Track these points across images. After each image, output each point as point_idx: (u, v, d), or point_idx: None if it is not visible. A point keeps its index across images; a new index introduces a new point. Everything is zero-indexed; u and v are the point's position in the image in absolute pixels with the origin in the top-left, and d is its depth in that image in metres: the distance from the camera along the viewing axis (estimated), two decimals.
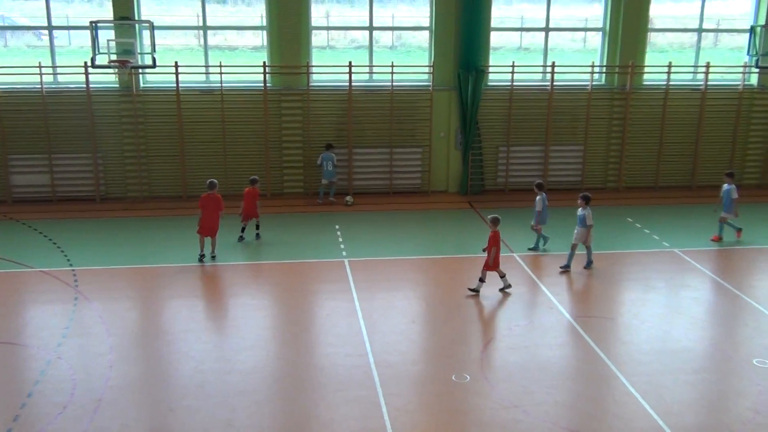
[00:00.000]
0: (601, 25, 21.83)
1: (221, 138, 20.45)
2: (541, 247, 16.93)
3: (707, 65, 21.58)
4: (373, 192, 21.20)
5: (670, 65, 21.48)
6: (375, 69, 21.13)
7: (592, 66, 21.49)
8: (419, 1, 21.48)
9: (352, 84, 20.49)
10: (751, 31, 21.98)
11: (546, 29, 21.60)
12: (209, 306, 14.18)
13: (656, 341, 12.69)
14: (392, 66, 20.46)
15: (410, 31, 22.67)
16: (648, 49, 21.93)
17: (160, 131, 20.37)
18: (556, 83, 21.25)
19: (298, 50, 20.41)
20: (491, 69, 21.32)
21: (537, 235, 16.97)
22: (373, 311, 13.73)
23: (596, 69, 21.67)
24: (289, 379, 11.33)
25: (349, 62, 20.31)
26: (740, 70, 22.13)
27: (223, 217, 16.16)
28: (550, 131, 21.53)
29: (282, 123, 20.74)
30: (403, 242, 17.40)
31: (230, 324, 13.22)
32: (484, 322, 13.54)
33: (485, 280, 14.52)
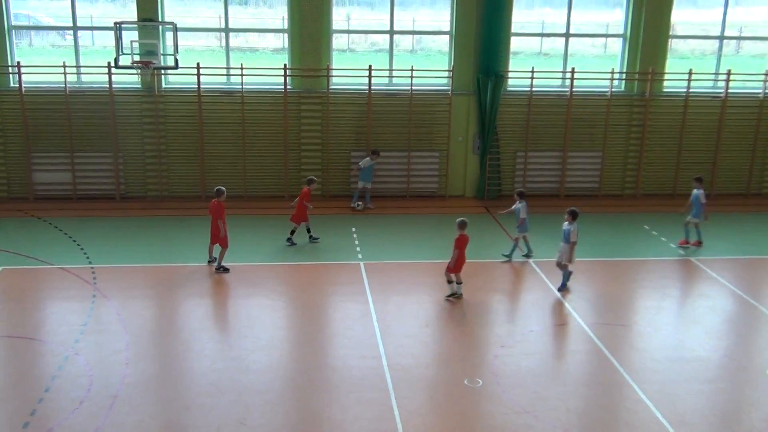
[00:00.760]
0: (621, 31, 21.78)
1: (241, 139, 20.62)
2: (524, 254, 16.76)
3: (728, 72, 21.46)
4: (391, 195, 21.26)
5: (690, 72, 21.39)
6: (395, 73, 21.21)
7: (612, 72, 21.45)
8: (440, 5, 21.54)
9: (372, 87, 20.59)
10: None
11: (566, 35, 21.58)
12: (225, 306, 14.33)
13: (670, 350, 12.67)
14: (412, 70, 20.54)
15: (430, 35, 22.74)
16: (669, 56, 21.85)
17: (181, 132, 20.58)
18: (575, 89, 21.22)
19: (319, 53, 20.54)
20: (511, 74, 21.34)
21: (514, 244, 16.73)
22: (387, 314, 13.81)
23: (616, 75, 21.62)
24: (303, 380, 11.44)
25: (369, 66, 20.41)
26: (761, 77, 21.98)
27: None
28: (568, 137, 21.51)
29: (301, 125, 20.87)
30: (419, 246, 17.46)
31: (245, 324, 13.34)
32: (498, 327, 13.56)
33: (461, 281, 14.50)
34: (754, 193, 22.58)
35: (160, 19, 19.97)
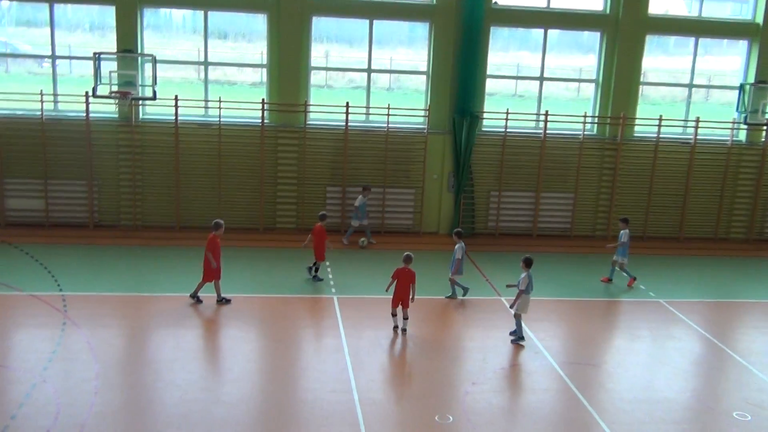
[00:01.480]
0: (594, 77, 22.29)
1: (217, 171, 20.66)
2: (459, 297, 16.72)
3: (697, 120, 22.00)
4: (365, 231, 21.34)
5: (660, 118, 21.89)
6: (372, 110, 21.46)
7: (585, 116, 21.89)
8: (418, 45, 21.91)
9: (349, 124, 20.80)
10: (741, 88, 22.47)
11: (541, 78, 22.04)
12: (197, 336, 14.23)
13: (639, 390, 12.79)
14: (389, 108, 20.80)
15: (407, 74, 23.07)
16: (640, 102, 22.39)
17: (157, 162, 20.58)
18: (549, 131, 21.61)
19: (297, 88, 20.75)
20: (486, 115, 21.69)
21: (453, 286, 16.66)
22: (360, 349, 13.81)
23: (588, 119, 22.07)
24: (274, 413, 11.37)
25: (347, 102, 20.64)
26: (729, 125, 22.55)
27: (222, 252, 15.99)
28: (541, 178, 21.83)
29: (278, 159, 20.98)
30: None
31: (217, 355, 13.27)
32: (470, 364, 13.62)
33: (395, 314, 14.69)
34: (722, 238, 23.02)
35: (139, 51, 20.08)
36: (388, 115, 20.86)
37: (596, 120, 22.27)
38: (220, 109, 20.27)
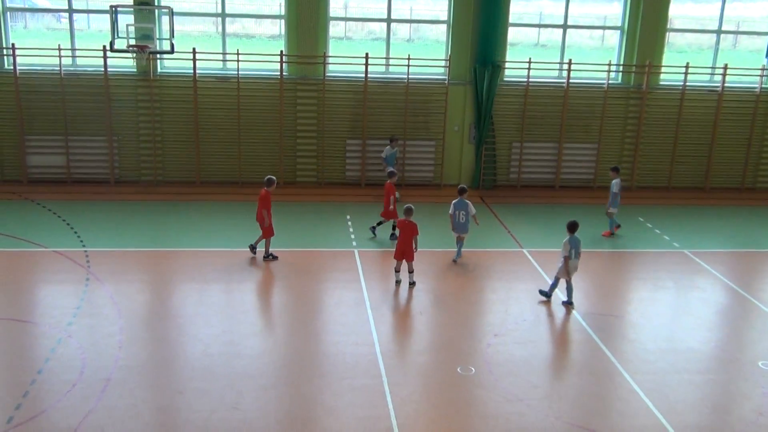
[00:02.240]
0: (619, 24, 21.76)
1: (236, 125, 20.56)
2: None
3: (725, 67, 21.48)
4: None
5: (687, 66, 21.39)
6: (391, 61, 21.16)
7: (609, 64, 21.43)
8: None
9: (368, 76, 20.53)
10: None
11: (564, 26, 21.55)
12: (219, 291, 14.29)
13: (662, 341, 12.70)
14: (408, 59, 20.48)
15: (428, 25, 22.67)
16: (666, 49, 21.85)
17: (176, 117, 20.50)
18: (572, 81, 21.21)
19: (316, 40, 20.47)
20: (507, 65, 21.31)
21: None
22: (381, 302, 13.82)
23: (613, 67, 21.61)
24: (296, 365, 11.43)
25: (366, 54, 20.34)
26: (758, 72, 22.00)
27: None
28: (564, 129, 21.51)
29: (297, 112, 20.81)
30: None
31: (239, 309, 13.33)
32: (492, 316, 13.59)
33: (409, 270, 14.53)
34: (749, 187, 22.65)
35: (156, 3, 19.85)
36: (408, 66, 20.55)
37: (621, 68, 21.80)
38: (238, 62, 20.07)
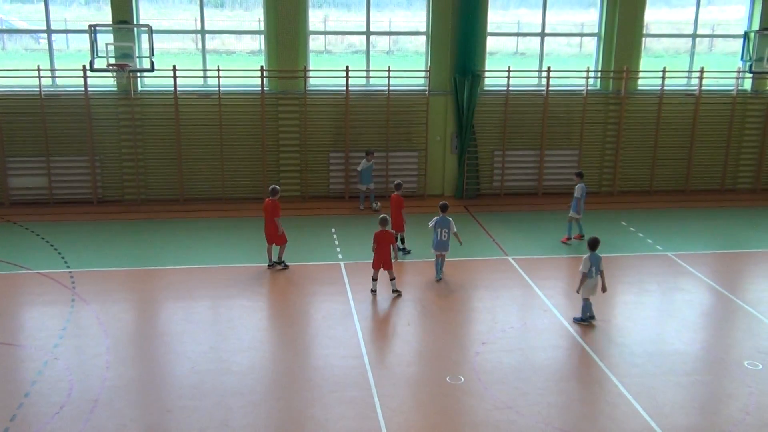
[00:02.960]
0: (596, 31, 21.98)
1: (218, 141, 20.55)
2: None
3: (701, 70, 21.73)
4: (369, 196, 21.23)
5: (664, 70, 21.63)
6: (372, 73, 21.25)
7: (588, 71, 21.63)
8: (416, 6, 21.61)
9: (349, 88, 20.60)
10: (745, 36, 22.15)
11: (542, 34, 21.74)
12: (205, 308, 14.25)
13: (649, 343, 12.79)
14: (389, 70, 20.58)
15: (407, 36, 22.79)
16: (643, 54, 22.10)
17: (158, 134, 20.47)
18: (551, 88, 21.38)
19: (296, 54, 20.52)
20: (487, 74, 21.45)
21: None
22: (369, 314, 13.84)
23: (591, 74, 21.82)
24: (285, 380, 11.42)
25: (346, 66, 20.42)
26: (734, 75, 22.28)
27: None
28: (545, 135, 21.67)
29: (279, 127, 20.83)
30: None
31: (226, 325, 13.30)
32: (479, 325, 13.64)
33: (376, 278, 14.77)
34: (729, 188, 22.89)
35: (135, 22, 19.85)
36: (389, 78, 20.64)
37: (599, 75, 22.02)
38: (219, 78, 20.08)
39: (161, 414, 10.48)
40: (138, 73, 20.03)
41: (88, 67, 19.33)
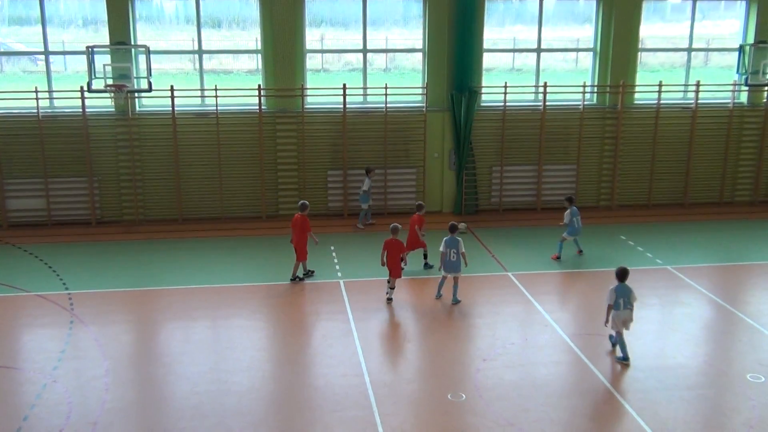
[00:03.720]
0: (592, 46, 22.07)
1: (217, 161, 20.56)
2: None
3: (697, 84, 21.80)
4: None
5: (660, 84, 21.70)
6: (369, 91, 21.30)
7: (584, 86, 21.69)
8: (412, 24, 21.70)
9: (347, 106, 20.65)
10: (740, 49, 22.24)
11: (538, 50, 21.82)
12: (204, 328, 14.20)
13: (651, 358, 12.74)
14: (386, 88, 20.63)
15: (404, 53, 22.88)
16: (639, 69, 22.16)
17: (156, 154, 20.48)
18: (548, 103, 21.43)
19: (293, 73, 20.58)
20: (484, 90, 21.51)
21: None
22: (369, 331, 13.78)
23: (587, 89, 21.87)
24: (285, 400, 11.36)
25: (344, 84, 20.48)
26: (730, 88, 22.35)
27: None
28: (543, 151, 21.69)
29: (277, 145, 20.86)
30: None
31: (225, 345, 13.24)
32: (480, 341, 13.58)
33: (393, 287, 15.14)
34: (727, 201, 22.88)
35: (132, 43, 19.92)
36: (386, 95, 20.69)
37: (595, 89, 22.08)
38: (216, 97, 20.12)
39: None
40: (136, 94, 20.07)
41: (85, 88, 19.37)
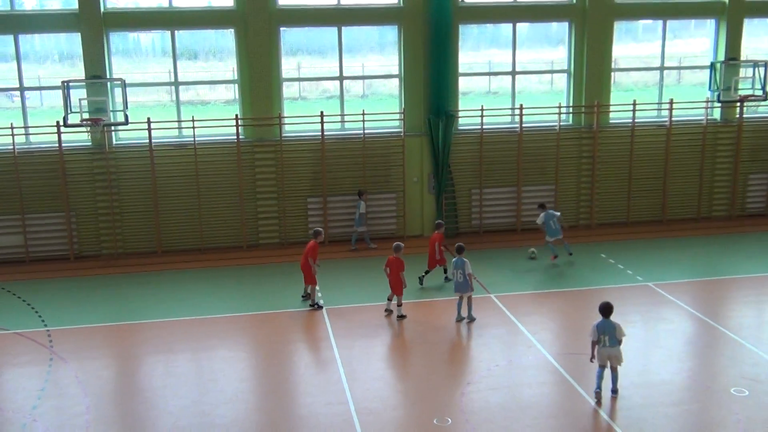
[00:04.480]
0: (566, 67, 22.31)
1: (195, 191, 20.49)
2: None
3: (671, 102, 22.07)
4: (349, 239, 21.18)
5: (634, 103, 21.95)
6: (347, 117, 21.38)
7: (560, 107, 21.90)
8: (388, 50, 21.85)
9: (325, 133, 20.69)
10: (712, 67, 22.57)
11: (513, 72, 22.03)
12: (186, 360, 14.06)
13: (635, 375, 12.74)
14: (363, 114, 20.72)
15: (380, 80, 23.00)
16: (613, 89, 22.42)
17: (134, 187, 20.38)
18: (524, 125, 21.60)
19: (270, 102, 20.63)
20: (461, 113, 21.66)
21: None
22: (353, 359, 13.70)
23: (563, 110, 22.08)
24: (270, 431, 11.23)
25: (321, 112, 20.54)
26: (703, 105, 22.64)
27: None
28: (521, 172, 21.82)
29: (256, 174, 20.84)
30: (380, 288, 17.34)
31: (208, 378, 13.11)
32: (464, 364, 13.54)
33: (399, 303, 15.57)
34: (705, 216, 23.08)
35: (108, 76, 19.90)
36: (364, 121, 20.78)
37: (571, 110, 22.29)
38: (194, 128, 20.10)
39: None
40: (112, 127, 20.00)
41: (62, 123, 19.28)
